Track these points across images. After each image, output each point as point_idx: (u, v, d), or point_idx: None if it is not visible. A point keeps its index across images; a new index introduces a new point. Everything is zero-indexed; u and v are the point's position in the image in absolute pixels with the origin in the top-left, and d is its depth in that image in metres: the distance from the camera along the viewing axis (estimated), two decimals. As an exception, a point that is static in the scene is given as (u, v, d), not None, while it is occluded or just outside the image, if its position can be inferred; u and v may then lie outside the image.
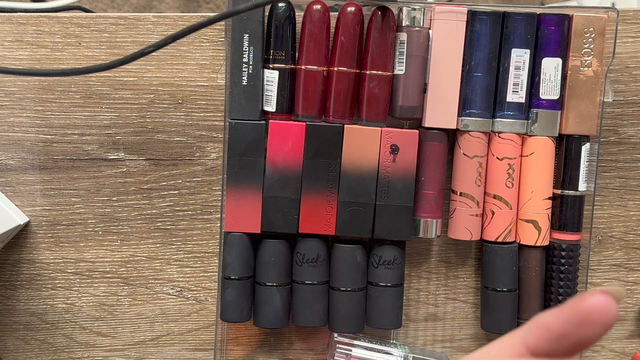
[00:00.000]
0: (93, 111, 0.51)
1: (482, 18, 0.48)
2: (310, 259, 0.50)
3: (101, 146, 0.51)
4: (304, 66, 0.48)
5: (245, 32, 0.48)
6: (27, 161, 0.51)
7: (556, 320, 0.23)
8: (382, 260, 0.50)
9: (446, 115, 0.49)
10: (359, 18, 0.48)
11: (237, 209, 0.49)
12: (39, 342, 0.53)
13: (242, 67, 0.48)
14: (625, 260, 0.54)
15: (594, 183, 0.50)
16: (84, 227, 0.52)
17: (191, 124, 0.51)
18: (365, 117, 0.49)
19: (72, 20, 0.50)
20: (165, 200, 0.52)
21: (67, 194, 0.52)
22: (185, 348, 0.54)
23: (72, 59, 0.51)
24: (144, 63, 0.51)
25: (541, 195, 0.50)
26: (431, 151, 0.49)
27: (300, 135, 0.48)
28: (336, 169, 0.49)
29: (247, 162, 0.49)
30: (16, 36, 0.50)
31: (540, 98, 0.49)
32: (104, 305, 0.53)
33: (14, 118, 0.51)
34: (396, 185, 0.49)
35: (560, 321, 0.22)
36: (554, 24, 0.48)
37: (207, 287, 0.53)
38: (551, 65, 0.49)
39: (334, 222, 0.49)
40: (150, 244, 0.53)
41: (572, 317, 0.22)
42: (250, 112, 0.49)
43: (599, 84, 0.49)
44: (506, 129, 0.49)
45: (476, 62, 0.48)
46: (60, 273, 0.53)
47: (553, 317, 0.23)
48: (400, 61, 0.48)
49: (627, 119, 0.52)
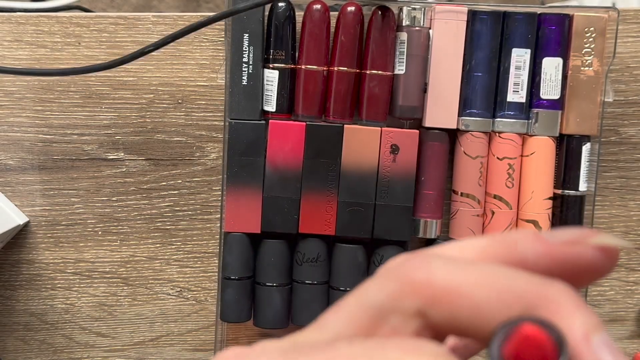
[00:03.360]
0: (93, 111, 0.51)
1: (482, 18, 0.48)
2: (311, 258, 0.49)
3: (101, 146, 0.51)
4: (304, 66, 0.48)
5: (245, 31, 0.48)
6: (27, 161, 0.51)
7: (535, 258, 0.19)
8: (384, 259, 0.50)
9: (446, 115, 0.49)
10: (359, 18, 0.48)
11: (237, 209, 0.49)
12: (38, 343, 0.53)
13: (242, 67, 0.48)
14: (626, 261, 0.53)
15: (594, 183, 0.50)
16: (83, 227, 0.52)
17: (191, 124, 0.51)
18: (365, 117, 0.49)
19: (71, 20, 0.50)
20: (165, 201, 0.52)
21: (67, 194, 0.52)
22: (185, 348, 0.54)
23: (71, 59, 0.51)
24: (143, 63, 0.50)
25: (541, 195, 0.50)
26: (431, 151, 0.49)
27: (300, 135, 0.48)
28: (336, 169, 0.49)
29: (247, 162, 0.49)
30: (15, 36, 0.50)
31: (541, 98, 0.49)
32: (103, 305, 0.53)
33: (14, 118, 0.51)
34: (396, 185, 0.49)
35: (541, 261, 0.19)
36: (554, 23, 0.48)
37: (207, 287, 0.53)
38: (552, 65, 0.49)
39: (334, 222, 0.49)
40: (150, 244, 0.52)
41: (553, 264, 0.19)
42: (250, 112, 0.48)
43: (600, 83, 0.49)
44: (507, 128, 0.49)
45: (476, 61, 0.48)
46: (59, 273, 0.53)
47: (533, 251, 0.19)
48: (401, 61, 0.48)
49: (628, 119, 0.52)
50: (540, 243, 0.19)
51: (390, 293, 0.19)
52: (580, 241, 0.19)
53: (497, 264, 0.19)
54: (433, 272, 0.18)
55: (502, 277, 0.18)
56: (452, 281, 0.18)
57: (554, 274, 0.18)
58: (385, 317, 0.19)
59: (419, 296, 0.18)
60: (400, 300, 0.18)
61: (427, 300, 0.18)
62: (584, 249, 0.19)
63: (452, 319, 0.18)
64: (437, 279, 0.18)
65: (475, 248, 0.20)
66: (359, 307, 0.19)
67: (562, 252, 0.19)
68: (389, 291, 0.19)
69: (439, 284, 0.18)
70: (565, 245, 0.19)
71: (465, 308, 0.18)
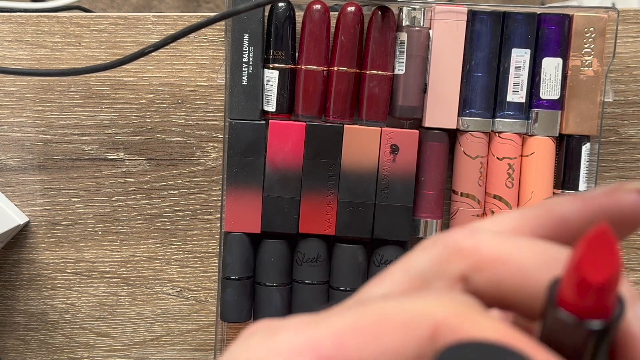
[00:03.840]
0: (93, 111, 0.51)
1: (482, 18, 0.48)
2: (311, 258, 0.50)
3: (101, 146, 0.51)
4: (304, 66, 0.48)
5: (245, 31, 0.48)
6: (27, 161, 0.51)
7: (575, 215, 0.19)
8: (384, 259, 0.50)
9: (446, 115, 0.49)
10: (359, 18, 0.48)
11: (237, 209, 0.49)
12: (38, 342, 0.53)
13: (242, 67, 0.48)
14: (626, 260, 0.54)
15: (594, 183, 0.50)
16: (83, 227, 0.52)
17: (191, 124, 0.51)
18: (365, 117, 0.49)
19: (71, 20, 0.50)
20: (165, 200, 0.52)
21: (67, 194, 0.52)
22: (185, 348, 0.54)
23: (71, 59, 0.51)
24: (143, 63, 0.50)
25: (541, 196, 0.50)
26: (431, 151, 0.49)
27: (300, 135, 0.48)
28: (336, 169, 0.49)
29: (247, 162, 0.49)
30: (16, 36, 0.50)
31: (541, 98, 0.49)
32: (103, 305, 0.53)
33: (14, 118, 0.51)
34: (396, 185, 0.49)
35: (581, 216, 0.19)
36: (554, 23, 0.48)
37: (207, 287, 0.53)
38: (551, 65, 0.49)
39: (334, 222, 0.49)
40: (150, 244, 0.52)
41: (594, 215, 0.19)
42: (250, 112, 0.48)
43: (600, 83, 0.49)
44: (506, 129, 0.49)
45: (476, 62, 0.48)
46: (60, 273, 0.53)
47: (571, 209, 0.19)
48: (401, 61, 0.48)
49: (628, 119, 0.52)
50: (577, 200, 0.19)
51: (436, 257, 0.19)
52: (617, 189, 0.19)
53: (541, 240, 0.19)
54: (480, 239, 0.19)
55: (548, 246, 0.18)
56: (499, 249, 0.18)
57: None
58: (430, 281, 0.19)
59: (465, 260, 0.18)
60: (446, 264, 0.19)
61: (473, 265, 0.18)
62: (621, 195, 0.19)
63: (497, 285, 0.18)
64: (484, 246, 0.18)
65: (515, 219, 0.20)
66: (402, 273, 0.19)
67: (601, 204, 0.19)
68: (435, 256, 0.19)
69: (486, 250, 0.18)
70: (603, 196, 0.19)
71: (511, 274, 0.18)
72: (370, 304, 0.18)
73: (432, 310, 0.17)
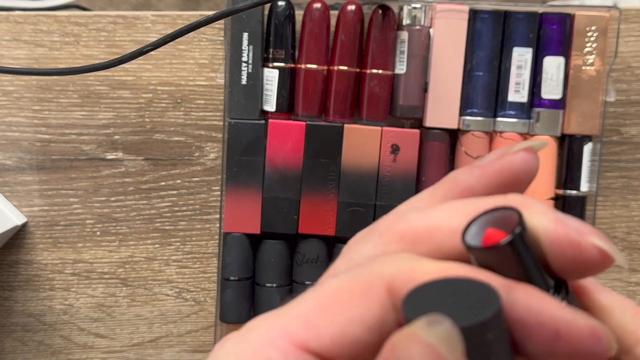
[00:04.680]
0: (91, 111, 0.51)
1: (483, 17, 0.48)
2: (310, 259, 0.49)
3: (99, 146, 0.51)
4: (304, 65, 0.48)
5: (244, 30, 0.47)
6: (25, 161, 0.51)
7: (478, 182, 0.21)
8: (382, 261, 0.49)
9: (447, 115, 0.49)
10: (360, 17, 0.47)
11: (236, 210, 0.49)
12: (36, 344, 0.53)
13: (241, 66, 0.48)
14: (628, 261, 0.53)
15: (596, 183, 0.50)
16: (82, 228, 0.52)
17: (190, 124, 0.51)
18: (365, 116, 0.48)
19: (70, 19, 0.50)
20: (164, 201, 0.52)
21: (65, 194, 0.51)
22: (184, 349, 0.53)
23: (70, 58, 0.50)
24: (142, 62, 0.50)
25: (543, 195, 0.49)
26: (432, 151, 0.49)
27: (300, 135, 0.48)
28: (336, 169, 0.48)
29: (246, 162, 0.48)
30: (14, 35, 0.50)
31: (542, 97, 0.49)
32: (102, 306, 0.53)
33: (12, 118, 0.51)
34: (397, 186, 0.49)
35: (483, 182, 0.21)
36: (555, 22, 0.48)
37: (206, 288, 0.53)
38: (553, 64, 0.48)
39: (334, 222, 0.49)
40: (148, 244, 0.52)
41: (493, 179, 0.21)
42: (250, 112, 0.48)
43: (601, 83, 0.48)
44: (508, 128, 0.49)
45: (477, 61, 0.48)
46: (58, 274, 0.52)
47: (473, 178, 0.21)
48: (401, 60, 0.48)
49: (630, 119, 0.52)
50: (475, 168, 0.21)
51: (374, 245, 0.21)
52: (506, 152, 0.21)
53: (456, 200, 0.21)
54: (409, 218, 0.20)
55: (468, 204, 0.20)
56: (429, 221, 0.20)
57: (500, 191, 0.21)
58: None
59: (403, 240, 0.20)
60: (386, 247, 0.20)
61: (411, 241, 0.20)
62: (510, 156, 0.21)
63: (439, 251, 0.19)
64: (416, 223, 0.20)
65: (428, 197, 0.22)
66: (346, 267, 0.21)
67: (496, 168, 0.21)
68: (374, 244, 0.21)
69: (419, 226, 0.20)
70: (496, 160, 0.21)
71: (446, 236, 0.19)
72: (326, 283, 0.19)
73: (380, 271, 0.18)
